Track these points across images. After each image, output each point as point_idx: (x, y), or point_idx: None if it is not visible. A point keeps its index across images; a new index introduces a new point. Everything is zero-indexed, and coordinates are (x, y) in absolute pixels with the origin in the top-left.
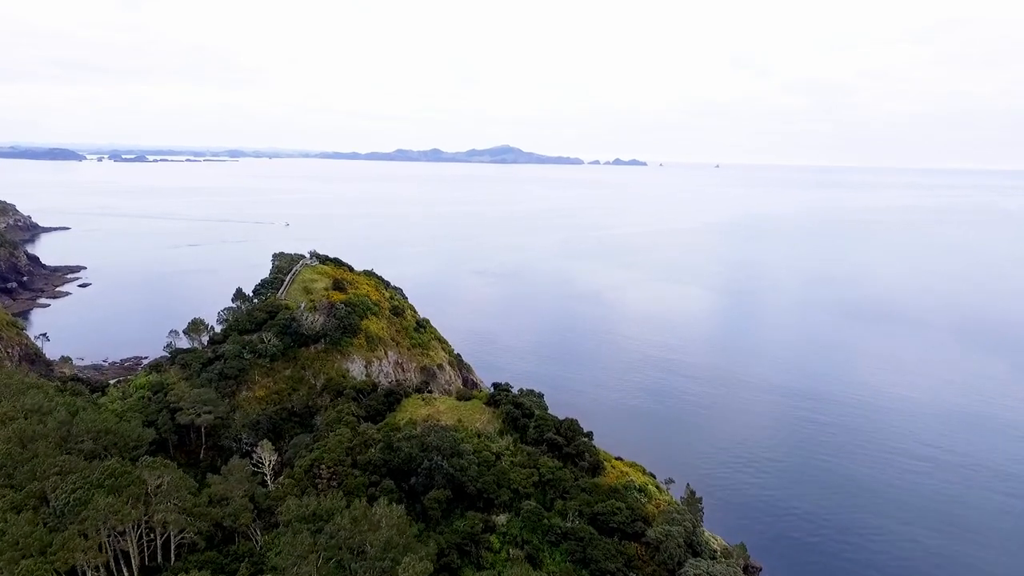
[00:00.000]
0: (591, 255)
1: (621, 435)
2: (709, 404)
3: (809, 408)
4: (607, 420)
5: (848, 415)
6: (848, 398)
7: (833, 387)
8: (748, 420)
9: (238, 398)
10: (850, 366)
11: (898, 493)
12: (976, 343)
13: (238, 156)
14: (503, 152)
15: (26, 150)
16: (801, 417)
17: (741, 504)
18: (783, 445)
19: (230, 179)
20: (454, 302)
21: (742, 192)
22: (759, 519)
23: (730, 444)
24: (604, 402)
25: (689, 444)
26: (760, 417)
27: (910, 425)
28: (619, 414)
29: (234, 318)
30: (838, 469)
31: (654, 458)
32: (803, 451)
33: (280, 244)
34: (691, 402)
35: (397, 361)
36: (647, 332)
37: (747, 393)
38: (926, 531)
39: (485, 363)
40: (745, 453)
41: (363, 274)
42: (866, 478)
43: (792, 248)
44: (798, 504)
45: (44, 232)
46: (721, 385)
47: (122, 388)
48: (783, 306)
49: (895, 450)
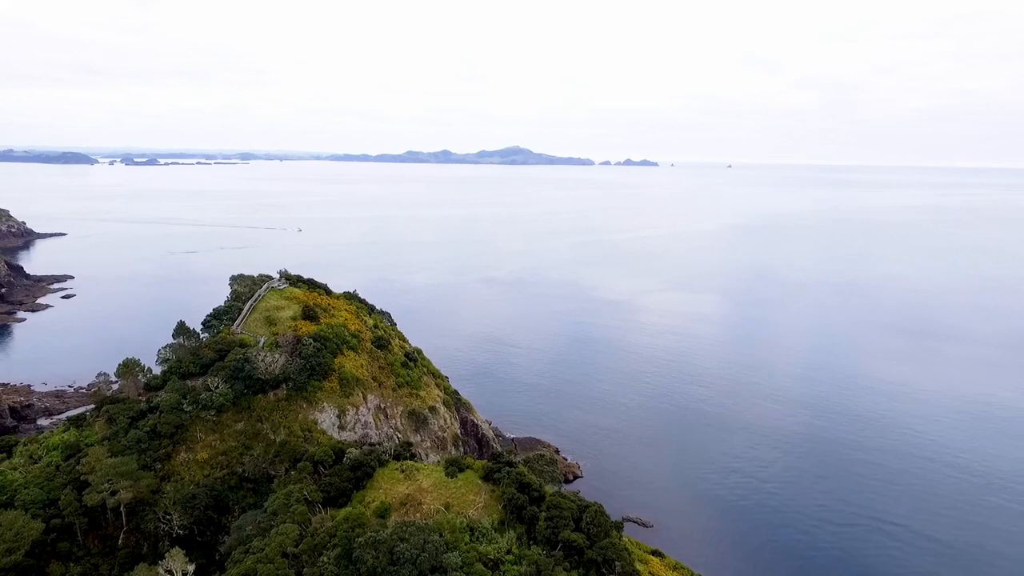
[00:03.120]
0: (604, 261)
1: (641, 480)
2: (734, 432)
3: (852, 438)
4: (625, 461)
5: (892, 440)
6: (889, 421)
7: (872, 410)
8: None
9: (174, 462)
10: (890, 384)
11: (948, 530)
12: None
13: (249, 159)
14: (513, 153)
15: (40, 154)
16: (849, 452)
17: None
18: (835, 497)
19: (241, 182)
20: (456, 318)
21: (756, 192)
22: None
23: (773, 497)
24: (620, 438)
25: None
26: (798, 455)
27: (948, 448)
28: (638, 454)
29: (176, 358)
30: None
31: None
32: (855, 503)
33: (292, 251)
34: (715, 438)
35: (379, 406)
36: (665, 350)
37: (779, 425)
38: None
39: (487, 393)
40: (794, 505)
41: (343, 297)
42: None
43: (812, 250)
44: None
45: (39, 238)
46: (750, 413)
47: (31, 448)
48: (809, 316)
49: (932, 477)
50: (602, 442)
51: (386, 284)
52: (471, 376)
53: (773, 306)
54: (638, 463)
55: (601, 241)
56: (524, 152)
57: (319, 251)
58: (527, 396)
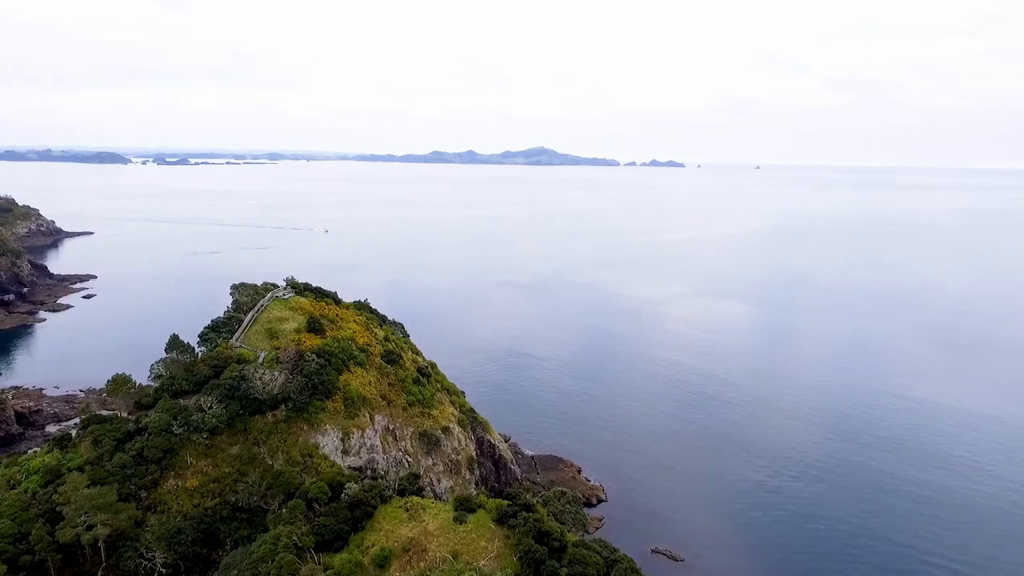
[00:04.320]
0: (630, 264)
1: (670, 505)
2: (767, 454)
3: (894, 463)
4: (652, 483)
5: (939, 465)
6: (935, 444)
7: (915, 432)
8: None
9: (161, 490)
10: (935, 403)
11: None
12: None
13: (277, 159)
14: (538, 153)
15: (76, 154)
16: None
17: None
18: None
19: (268, 182)
20: (474, 325)
21: (785, 194)
22: None
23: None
24: (647, 458)
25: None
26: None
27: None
28: (666, 476)
29: (168, 375)
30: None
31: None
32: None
33: (315, 252)
34: (747, 461)
35: (388, 427)
36: (692, 363)
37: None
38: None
39: (505, 407)
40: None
41: (352, 307)
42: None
43: (846, 255)
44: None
45: (67, 237)
46: (782, 433)
47: (10, 472)
48: (845, 327)
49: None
50: (627, 462)
51: (405, 287)
52: (488, 388)
53: (806, 315)
54: (666, 485)
55: (626, 244)
56: (549, 152)
57: (342, 252)
58: (548, 410)
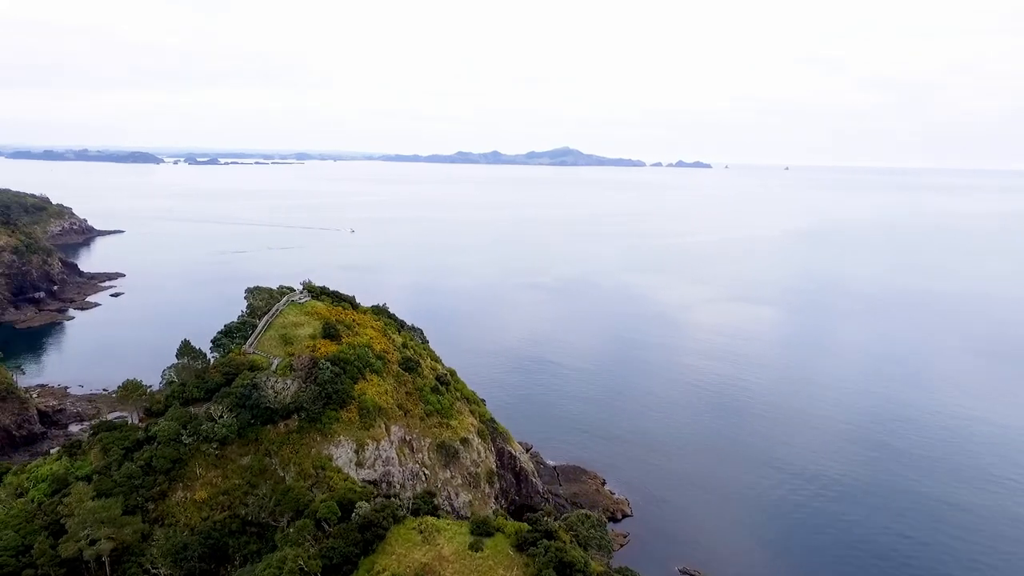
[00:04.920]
0: (657, 267)
1: (698, 522)
2: (801, 471)
3: (934, 482)
4: (679, 497)
5: (981, 487)
6: (978, 464)
7: (955, 450)
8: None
9: (169, 502)
10: (979, 420)
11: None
12: None
13: (304, 159)
14: (563, 154)
15: (112, 153)
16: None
17: None
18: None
19: (296, 182)
20: (496, 329)
21: (816, 195)
22: None
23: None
24: (673, 470)
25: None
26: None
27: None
28: (693, 490)
29: (179, 381)
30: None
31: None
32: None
33: (340, 252)
34: (777, 477)
35: (404, 438)
36: (721, 372)
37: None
38: None
39: (527, 414)
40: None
41: (370, 312)
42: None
43: (882, 259)
44: None
45: (99, 236)
46: (816, 449)
47: (19, 479)
48: (881, 335)
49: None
50: (653, 475)
51: (427, 288)
52: (510, 395)
53: (839, 321)
54: (693, 501)
55: (651, 246)
56: (574, 153)
57: (367, 253)
58: (571, 419)
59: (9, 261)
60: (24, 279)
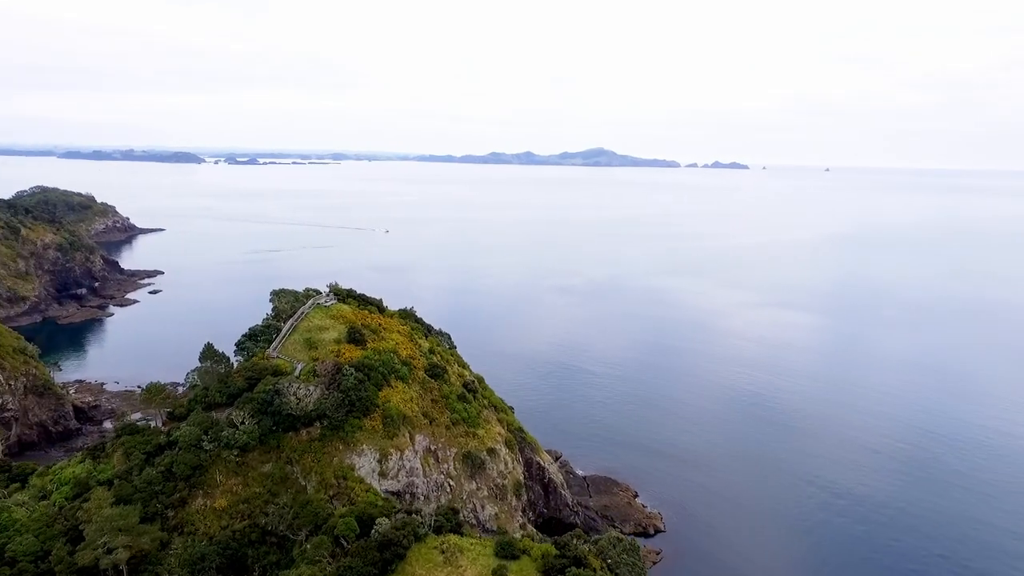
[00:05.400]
0: (692, 270)
1: (735, 542)
2: (846, 492)
3: (994, 512)
4: (714, 514)
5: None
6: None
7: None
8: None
9: (189, 509)
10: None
11: None
12: None
13: (340, 159)
14: (596, 154)
15: (156, 153)
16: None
17: None
18: None
19: (332, 181)
20: (525, 332)
21: (858, 197)
22: None
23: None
24: (709, 484)
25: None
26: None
27: None
28: (730, 506)
29: (202, 385)
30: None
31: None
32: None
33: (374, 252)
34: (820, 497)
35: (429, 448)
36: (759, 382)
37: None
38: None
39: (556, 421)
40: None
41: (397, 316)
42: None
43: (931, 265)
44: None
45: (141, 234)
46: (863, 470)
47: (43, 481)
48: (931, 347)
49: None
50: (688, 489)
51: (457, 290)
52: (539, 401)
53: (883, 331)
54: (729, 518)
55: (686, 248)
56: (607, 154)
57: (400, 254)
58: (602, 427)
59: (54, 258)
60: (67, 276)
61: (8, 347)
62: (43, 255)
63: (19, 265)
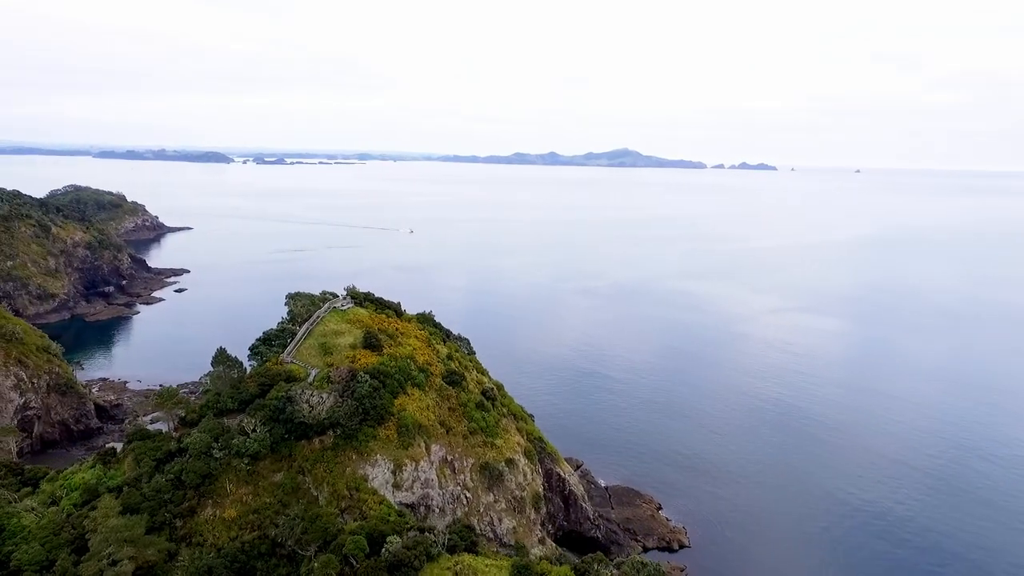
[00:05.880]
0: (718, 273)
1: (764, 562)
2: (883, 513)
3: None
4: (741, 532)
5: None
6: None
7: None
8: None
9: (198, 519)
10: None
11: None
12: None
13: (366, 159)
14: (621, 155)
15: (187, 153)
16: None
17: None
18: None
19: (357, 181)
20: (547, 335)
21: (890, 199)
22: None
23: None
24: (737, 498)
25: None
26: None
27: None
28: (759, 523)
29: (214, 391)
30: None
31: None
32: None
33: (400, 252)
34: (854, 517)
35: (445, 458)
36: (789, 392)
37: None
38: None
39: (578, 428)
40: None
41: (415, 320)
42: None
43: (966, 270)
44: None
45: (169, 232)
46: (901, 491)
47: (54, 487)
48: (969, 356)
49: None
50: (714, 502)
51: (479, 290)
52: (560, 407)
53: (916, 339)
54: (757, 535)
55: (713, 250)
56: (632, 154)
57: (424, 254)
58: (625, 434)
59: (83, 256)
60: (95, 274)
61: (32, 345)
62: (73, 253)
63: (49, 263)
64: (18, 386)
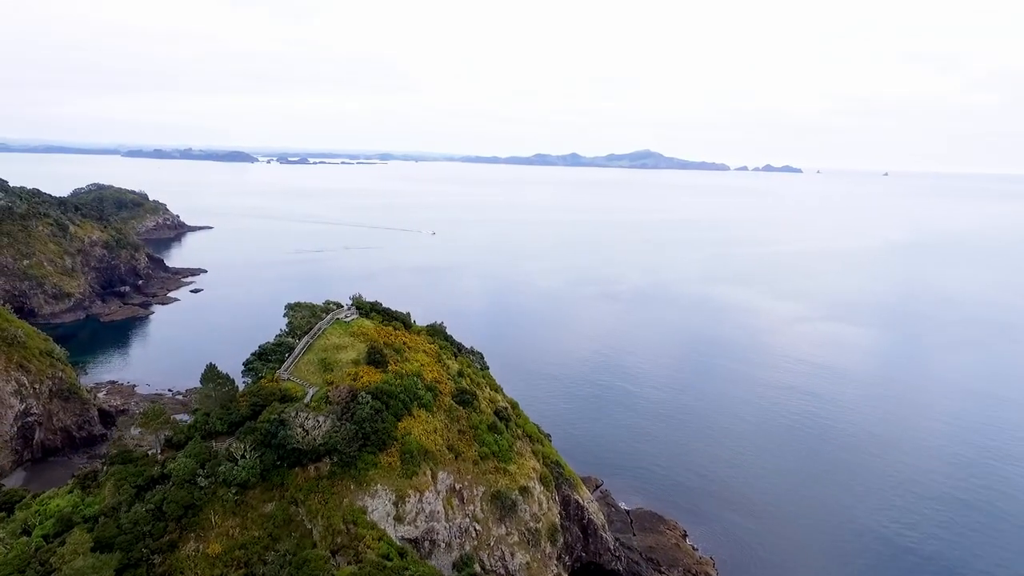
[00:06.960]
0: (741, 279)
1: None
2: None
3: None
4: (775, 566)
5: None
6: None
7: None
8: None
9: (179, 554)
10: None
11: None
12: None
13: (387, 159)
14: (643, 157)
15: (212, 152)
16: None
17: None
18: None
19: (379, 182)
20: (565, 343)
21: (919, 203)
22: None
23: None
24: (768, 527)
25: None
26: None
27: None
28: (792, 557)
29: (204, 410)
30: None
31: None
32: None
33: (420, 254)
34: (899, 553)
35: (453, 487)
36: (822, 407)
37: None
38: None
39: (597, 447)
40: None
41: (424, 332)
42: None
43: (998, 277)
44: None
45: (189, 231)
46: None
47: (27, 514)
48: (1009, 369)
49: None
50: (743, 530)
51: (496, 294)
52: (577, 424)
53: (951, 351)
54: (790, 568)
55: (737, 255)
56: (654, 156)
57: (443, 256)
58: (648, 455)
59: (100, 255)
60: (112, 273)
61: (35, 349)
62: (90, 252)
63: (66, 262)
64: (19, 392)
